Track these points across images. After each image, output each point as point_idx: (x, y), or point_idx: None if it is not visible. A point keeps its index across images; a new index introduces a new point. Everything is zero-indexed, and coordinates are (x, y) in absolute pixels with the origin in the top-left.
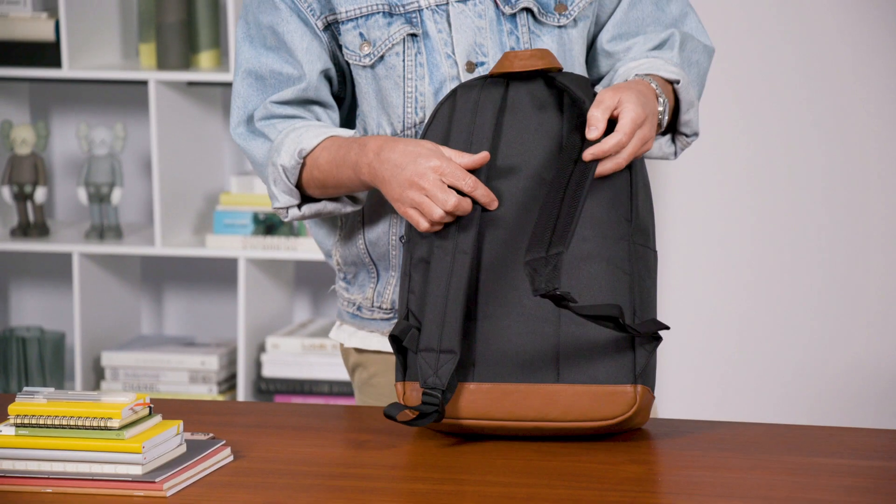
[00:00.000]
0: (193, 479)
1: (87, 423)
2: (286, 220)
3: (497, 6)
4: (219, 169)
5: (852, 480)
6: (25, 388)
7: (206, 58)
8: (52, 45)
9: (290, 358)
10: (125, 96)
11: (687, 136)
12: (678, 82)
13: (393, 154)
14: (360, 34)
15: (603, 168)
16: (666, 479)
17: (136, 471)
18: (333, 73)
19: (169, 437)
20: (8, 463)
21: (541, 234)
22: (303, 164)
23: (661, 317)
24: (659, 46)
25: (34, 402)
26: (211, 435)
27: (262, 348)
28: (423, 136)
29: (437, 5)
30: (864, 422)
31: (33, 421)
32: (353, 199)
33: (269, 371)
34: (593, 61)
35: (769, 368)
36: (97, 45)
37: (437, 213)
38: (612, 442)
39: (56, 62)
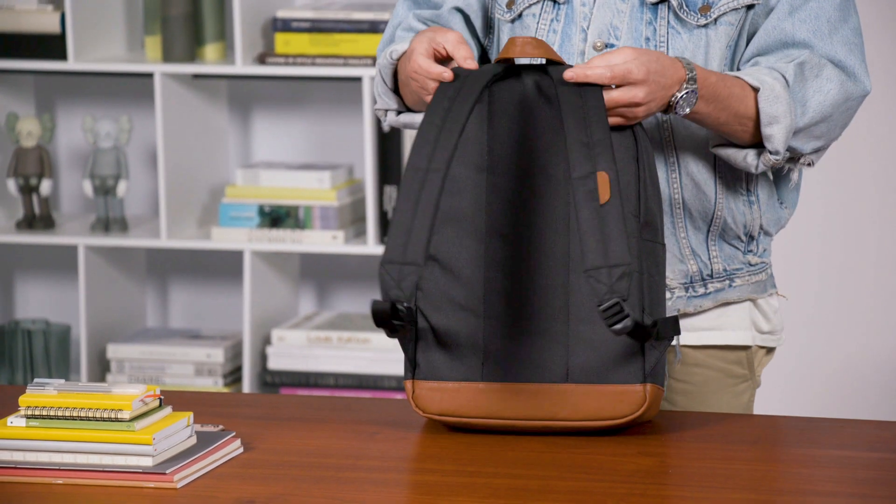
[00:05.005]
0: (204, 471)
1: (98, 415)
2: (385, 123)
3: None
4: (224, 162)
5: (862, 472)
6: (36, 380)
7: (211, 50)
8: (58, 37)
9: (295, 351)
10: (131, 89)
11: (770, 153)
12: (758, 90)
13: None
14: None
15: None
16: (676, 471)
17: (147, 462)
18: (475, 9)
19: (179, 429)
20: (19, 454)
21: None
22: (396, 69)
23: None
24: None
25: (45, 393)
26: (221, 427)
27: (267, 341)
28: (427, 113)
29: None
30: (863, 414)
31: (44, 412)
32: None
33: (274, 364)
34: None
35: (771, 360)
36: (102, 37)
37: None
38: (622, 434)
39: (61, 55)
